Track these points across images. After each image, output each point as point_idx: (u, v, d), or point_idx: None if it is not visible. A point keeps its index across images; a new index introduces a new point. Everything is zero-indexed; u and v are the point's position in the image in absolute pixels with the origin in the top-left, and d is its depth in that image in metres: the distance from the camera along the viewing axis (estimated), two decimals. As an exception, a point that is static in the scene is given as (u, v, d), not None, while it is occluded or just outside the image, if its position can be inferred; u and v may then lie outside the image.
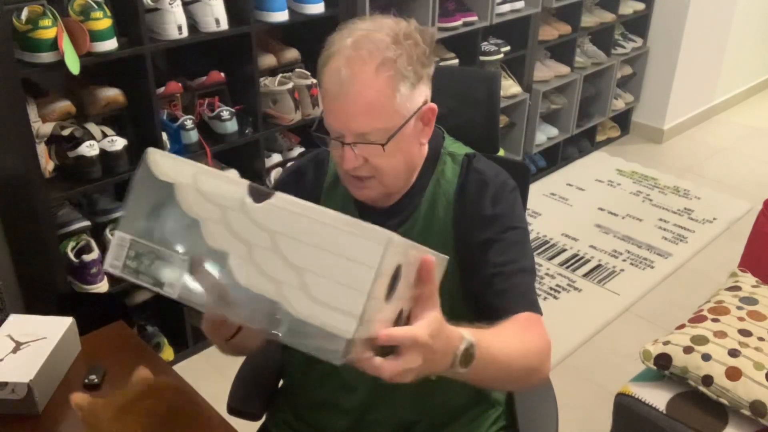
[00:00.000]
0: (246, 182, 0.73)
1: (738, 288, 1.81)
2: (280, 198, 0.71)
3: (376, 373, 0.75)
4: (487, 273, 1.13)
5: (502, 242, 1.14)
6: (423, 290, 0.78)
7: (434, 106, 1.11)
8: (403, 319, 0.77)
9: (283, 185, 1.27)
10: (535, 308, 1.09)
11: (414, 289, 0.77)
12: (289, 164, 1.57)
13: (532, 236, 3.19)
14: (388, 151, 1.05)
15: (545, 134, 3.69)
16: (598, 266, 2.98)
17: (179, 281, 0.72)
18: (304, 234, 0.69)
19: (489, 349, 0.87)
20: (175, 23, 2.08)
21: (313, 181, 1.23)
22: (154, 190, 0.74)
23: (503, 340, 0.94)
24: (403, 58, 1.03)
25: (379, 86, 1.02)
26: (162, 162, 0.75)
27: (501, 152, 2.81)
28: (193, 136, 2.23)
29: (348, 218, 0.68)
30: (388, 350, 0.74)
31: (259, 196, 0.72)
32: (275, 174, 2.56)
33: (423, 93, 1.09)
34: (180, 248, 0.71)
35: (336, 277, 0.67)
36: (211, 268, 0.71)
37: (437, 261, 0.79)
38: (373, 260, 0.66)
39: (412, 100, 1.06)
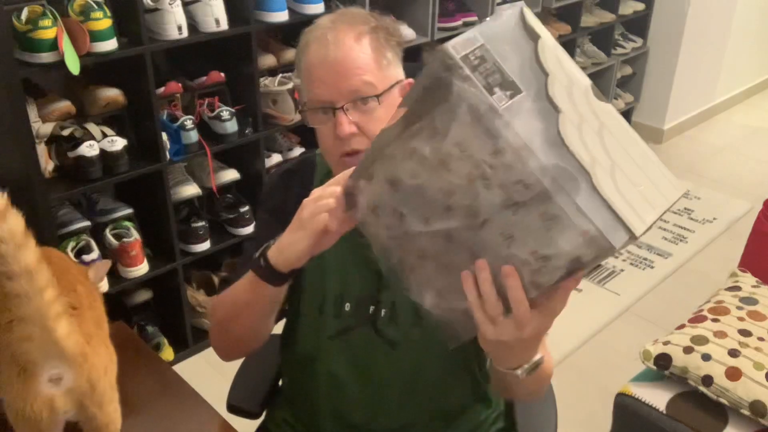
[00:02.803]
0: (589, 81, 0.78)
1: (738, 288, 1.81)
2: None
3: (552, 294, 0.75)
4: None
5: None
6: None
7: (413, 80, 1.10)
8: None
9: (272, 187, 1.26)
10: None
11: None
12: (275, 169, 1.57)
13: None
14: (380, 114, 1.04)
15: (545, 134, 3.69)
16: (598, 266, 2.98)
17: (504, 102, 0.71)
18: (627, 143, 0.74)
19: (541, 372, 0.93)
20: (175, 23, 2.08)
21: (303, 181, 1.21)
22: (518, 33, 0.75)
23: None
24: (382, 32, 1.08)
25: (366, 49, 1.05)
26: (531, 17, 0.77)
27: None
28: (193, 136, 2.23)
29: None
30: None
31: (599, 96, 0.77)
32: (275, 174, 2.56)
33: (401, 72, 1.11)
34: (517, 80, 0.72)
35: (640, 187, 0.71)
36: (536, 112, 0.71)
37: None
38: (671, 197, 0.73)
39: (396, 69, 1.09)
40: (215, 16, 2.15)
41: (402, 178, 0.79)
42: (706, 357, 1.57)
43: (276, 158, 2.58)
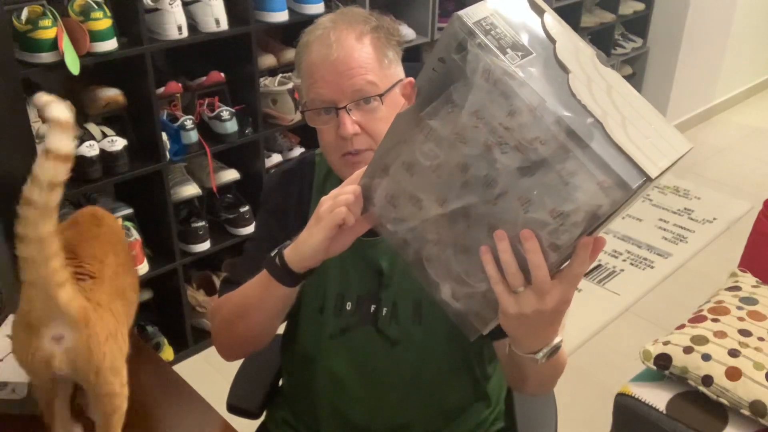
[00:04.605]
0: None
1: (738, 288, 1.81)
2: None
3: (580, 249, 0.74)
4: None
5: None
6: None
7: (412, 79, 1.11)
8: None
9: (271, 188, 1.26)
10: None
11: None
12: (274, 170, 1.56)
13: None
14: (383, 114, 1.05)
15: (545, 134, 3.69)
16: (598, 266, 2.98)
17: (517, 61, 0.73)
18: (635, 102, 0.76)
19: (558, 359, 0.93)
20: (175, 23, 2.08)
21: (302, 181, 1.21)
22: (525, 7, 0.79)
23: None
24: (383, 32, 1.08)
25: (367, 49, 1.06)
26: None
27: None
28: (193, 136, 2.23)
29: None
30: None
31: (604, 63, 0.79)
32: (275, 174, 2.56)
33: (401, 71, 1.12)
34: (526, 41, 0.75)
35: (649, 138, 0.72)
36: (547, 77, 0.74)
37: None
38: (680, 149, 0.73)
39: (396, 69, 1.10)
40: (215, 16, 2.16)
41: (419, 161, 0.80)
42: (706, 357, 1.57)
43: (276, 158, 2.58)
